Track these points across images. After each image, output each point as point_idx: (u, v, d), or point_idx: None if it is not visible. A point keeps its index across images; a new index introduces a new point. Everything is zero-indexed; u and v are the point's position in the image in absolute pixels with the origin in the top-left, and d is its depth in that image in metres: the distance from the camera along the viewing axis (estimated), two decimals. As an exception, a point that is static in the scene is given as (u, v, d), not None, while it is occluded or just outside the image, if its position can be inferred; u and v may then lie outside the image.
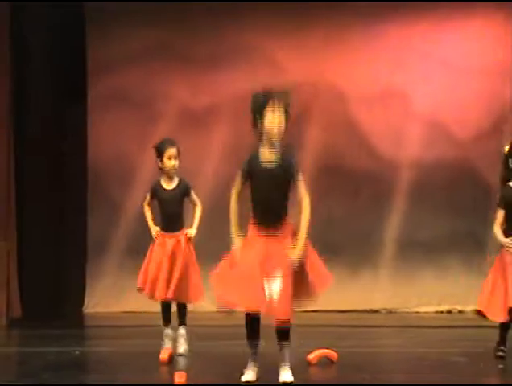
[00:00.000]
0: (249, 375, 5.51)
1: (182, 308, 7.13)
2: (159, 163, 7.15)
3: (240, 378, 5.50)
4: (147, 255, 7.18)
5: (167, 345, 6.99)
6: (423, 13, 11.60)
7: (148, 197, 7.24)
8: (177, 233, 7.09)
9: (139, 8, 11.63)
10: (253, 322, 5.51)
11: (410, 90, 11.73)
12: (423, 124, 11.66)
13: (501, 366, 6.39)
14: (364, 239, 11.52)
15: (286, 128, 5.50)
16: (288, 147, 5.50)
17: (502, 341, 6.68)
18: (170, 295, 6.90)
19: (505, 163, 6.89)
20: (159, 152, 7.15)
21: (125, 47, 11.82)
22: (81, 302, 11.74)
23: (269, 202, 5.48)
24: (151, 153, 7.51)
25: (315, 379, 5.90)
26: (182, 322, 7.10)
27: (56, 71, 11.94)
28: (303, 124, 11.68)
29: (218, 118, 11.88)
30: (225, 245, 5.64)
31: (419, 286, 11.33)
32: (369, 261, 11.48)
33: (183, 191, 7.19)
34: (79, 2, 11.75)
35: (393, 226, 11.63)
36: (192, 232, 7.11)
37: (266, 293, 5.31)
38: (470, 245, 11.30)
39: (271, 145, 5.50)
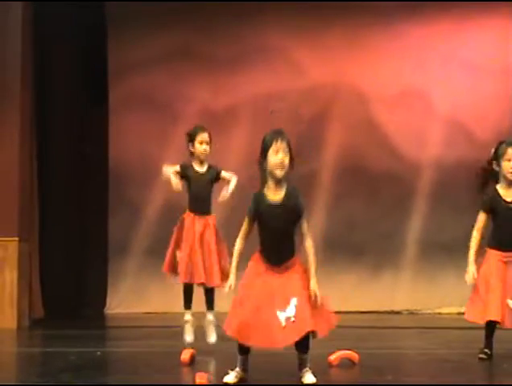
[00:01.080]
0: (231, 376, 5.52)
1: (210, 293, 7.13)
2: (191, 148, 7.16)
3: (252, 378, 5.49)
4: (174, 236, 7.14)
5: (188, 333, 7.02)
6: (443, 12, 11.56)
7: (176, 168, 7.19)
8: (206, 217, 7.09)
9: (160, 10, 11.66)
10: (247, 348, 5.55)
11: (430, 90, 11.70)
12: (443, 124, 11.62)
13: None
14: (385, 240, 11.49)
15: (290, 167, 5.53)
16: (293, 187, 5.54)
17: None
18: (200, 279, 6.90)
19: (490, 165, 6.80)
20: (191, 136, 7.17)
21: (145, 48, 11.86)
22: (103, 303, 11.78)
23: (276, 240, 5.51)
24: (172, 154, 7.53)
25: (337, 381, 5.88)
26: (210, 307, 7.12)
27: (78, 73, 12.01)
28: (324, 124, 11.68)
29: (238, 119, 11.89)
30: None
31: (441, 287, 11.28)
32: (391, 262, 11.46)
33: (214, 176, 7.20)
34: (100, 4, 11.80)
35: (414, 227, 11.60)
36: (226, 194, 7.11)
37: (282, 320, 5.31)
38: (492, 246, 11.22)
39: (276, 183, 5.49)
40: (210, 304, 7.16)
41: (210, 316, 7.12)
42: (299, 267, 5.53)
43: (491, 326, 6.64)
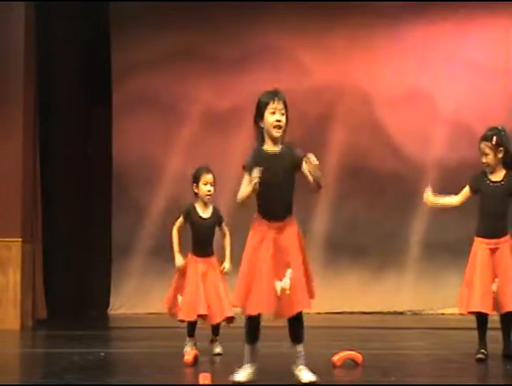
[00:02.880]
0: (241, 375, 5.48)
1: (216, 327, 7.11)
2: (195, 188, 7.13)
3: (255, 377, 5.48)
4: (176, 279, 7.12)
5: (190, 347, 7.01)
6: (447, 13, 11.56)
7: (181, 220, 7.15)
8: (208, 258, 7.09)
9: (163, 11, 11.67)
10: (254, 324, 5.50)
11: (434, 91, 11.69)
12: (447, 125, 11.62)
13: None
14: (389, 240, 11.49)
15: (287, 126, 5.54)
16: (289, 144, 5.55)
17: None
18: (203, 311, 6.88)
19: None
20: (196, 177, 7.14)
21: (149, 49, 11.87)
22: (106, 304, 11.79)
23: (275, 193, 5.49)
24: (176, 156, 7.52)
25: (340, 381, 5.87)
26: (216, 335, 7.11)
27: (82, 74, 12.03)
28: (328, 125, 11.69)
29: (242, 120, 11.87)
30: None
31: (444, 288, 11.26)
32: (394, 263, 11.45)
33: (217, 220, 7.17)
34: (104, 5, 11.81)
35: (418, 228, 11.59)
36: (227, 266, 7.09)
37: (278, 290, 5.31)
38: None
39: (274, 143, 5.49)
40: (216, 333, 7.14)
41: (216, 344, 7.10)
42: (295, 229, 5.52)
43: (480, 320, 6.63)
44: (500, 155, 6.65)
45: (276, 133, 5.53)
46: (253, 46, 11.87)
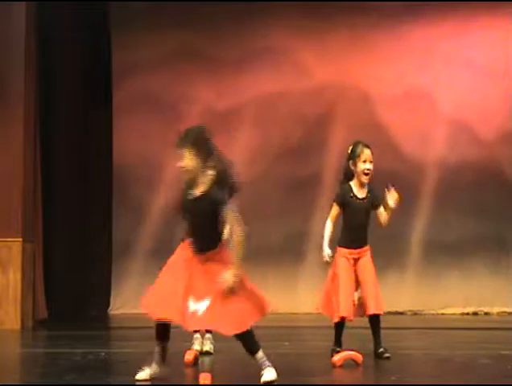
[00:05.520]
0: (144, 372, 5.59)
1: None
2: None
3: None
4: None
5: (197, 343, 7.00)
6: (447, 14, 11.57)
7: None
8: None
9: (163, 11, 11.68)
10: (163, 326, 5.61)
11: (434, 91, 11.70)
12: (447, 125, 11.63)
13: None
14: (389, 241, 11.47)
15: (198, 163, 5.60)
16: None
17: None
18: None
19: (347, 163, 6.92)
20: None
21: (149, 50, 11.87)
22: (106, 304, 11.79)
23: (199, 228, 5.51)
24: (176, 156, 7.50)
25: (341, 381, 5.87)
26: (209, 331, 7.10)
27: (82, 74, 12.02)
28: (328, 125, 11.68)
29: (242, 120, 11.90)
30: (248, 242, 5.61)
31: (445, 288, 11.29)
32: (395, 263, 11.45)
33: None
34: (104, 6, 11.82)
35: (418, 228, 11.60)
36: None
37: (190, 308, 5.37)
38: (496, 247, 11.26)
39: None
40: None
41: (208, 334, 7.08)
42: (225, 257, 5.50)
43: (339, 324, 6.72)
44: None
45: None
46: (254, 46, 11.87)
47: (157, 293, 5.54)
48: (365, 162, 6.84)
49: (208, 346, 6.99)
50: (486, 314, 11.16)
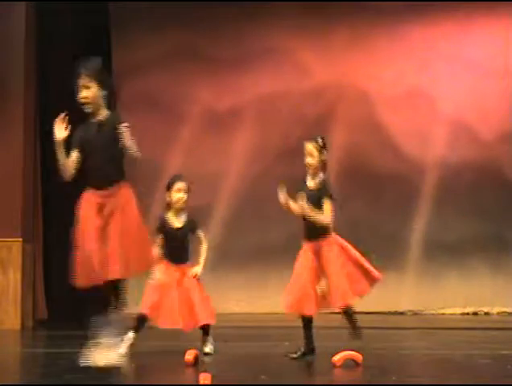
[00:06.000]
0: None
1: (204, 328, 7.10)
2: (167, 197, 7.23)
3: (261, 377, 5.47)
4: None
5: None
6: (447, 13, 11.58)
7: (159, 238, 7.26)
8: (183, 266, 7.11)
9: (164, 11, 11.68)
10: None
11: (434, 91, 11.71)
12: (447, 124, 11.63)
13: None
14: (389, 240, 11.50)
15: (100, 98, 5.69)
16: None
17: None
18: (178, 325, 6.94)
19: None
20: (168, 185, 7.24)
21: (149, 49, 11.87)
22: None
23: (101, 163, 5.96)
24: (176, 156, 7.52)
25: (340, 381, 5.87)
26: (206, 334, 7.11)
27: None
28: (328, 125, 11.69)
29: (242, 120, 11.91)
30: (247, 243, 5.63)
31: (445, 288, 11.29)
32: (395, 263, 11.45)
33: (190, 230, 7.19)
34: (104, 6, 11.81)
35: (418, 227, 11.60)
36: (197, 270, 7.07)
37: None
38: (495, 247, 11.26)
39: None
40: (205, 332, 7.15)
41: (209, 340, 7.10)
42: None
43: (306, 321, 6.67)
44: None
45: None
46: (253, 46, 11.87)
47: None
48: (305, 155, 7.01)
49: (207, 348, 6.99)
50: (486, 314, 11.17)
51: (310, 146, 7.01)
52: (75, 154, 5.75)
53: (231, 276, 11.15)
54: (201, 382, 5.41)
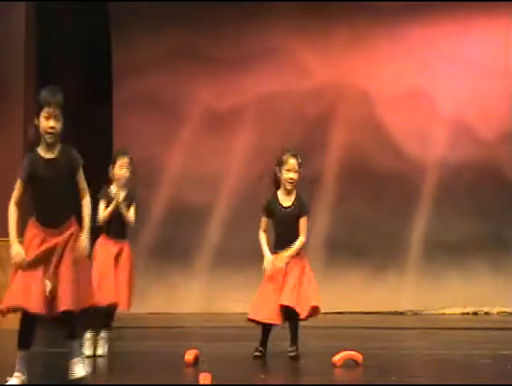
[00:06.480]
0: (14, 380, 5.55)
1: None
2: (110, 171, 7.26)
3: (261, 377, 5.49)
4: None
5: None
6: (447, 13, 11.58)
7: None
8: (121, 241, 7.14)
9: (164, 11, 11.67)
10: (29, 324, 5.68)
11: (434, 91, 11.70)
12: (447, 124, 11.63)
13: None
14: (389, 240, 11.50)
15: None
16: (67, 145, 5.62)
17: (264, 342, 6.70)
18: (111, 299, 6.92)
19: (275, 171, 7.06)
20: (112, 160, 7.28)
21: (149, 49, 11.87)
22: (106, 304, 11.76)
23: (52, 201, 5.53)
24: (176, 156, 7.52)
25: (341, 381, 5.88)
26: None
27: (82, 74, 12.01)
28: (328, 125, 11.69)
29: (243, 120, 11.90)
30: (247, 243, 5.64)
31: (445, 288, 11.29)
32: (395, 263, 11.46)
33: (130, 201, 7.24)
34: (105, 5, 11.81)
35: (418, 227, 11.59)
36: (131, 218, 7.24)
37: (47, 289, 5.40)
38: (496, 247, 11.26)
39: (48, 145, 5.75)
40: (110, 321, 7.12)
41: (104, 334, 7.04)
42: (75, 232, 5.44)
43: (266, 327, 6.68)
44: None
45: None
46: (254, 46, 11.86)
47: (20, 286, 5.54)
48: (288, 170, 6.90)
49: (100, 350, 6.92)
50: (486, 314, 11.17)
51: (293, 162, 6.94)
52: (22, 187, 5.64)
53: (231, 276, 11.15)
54: (201, 382, 5.40)
